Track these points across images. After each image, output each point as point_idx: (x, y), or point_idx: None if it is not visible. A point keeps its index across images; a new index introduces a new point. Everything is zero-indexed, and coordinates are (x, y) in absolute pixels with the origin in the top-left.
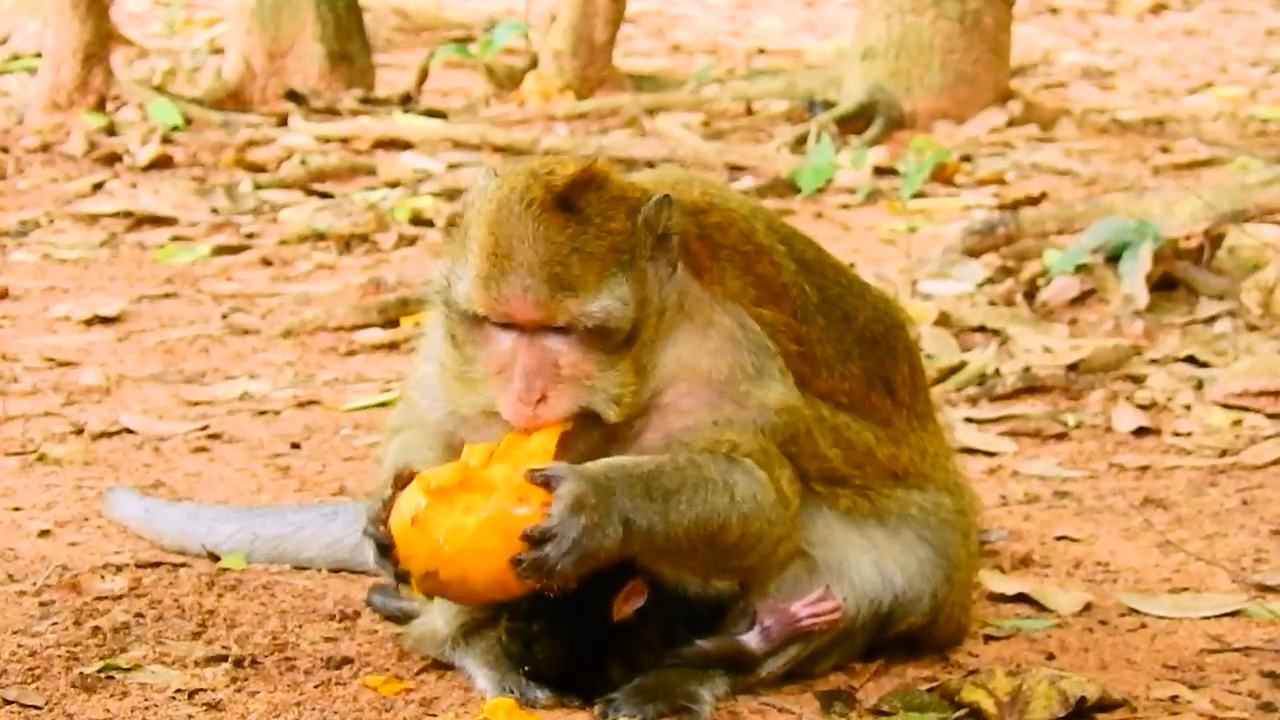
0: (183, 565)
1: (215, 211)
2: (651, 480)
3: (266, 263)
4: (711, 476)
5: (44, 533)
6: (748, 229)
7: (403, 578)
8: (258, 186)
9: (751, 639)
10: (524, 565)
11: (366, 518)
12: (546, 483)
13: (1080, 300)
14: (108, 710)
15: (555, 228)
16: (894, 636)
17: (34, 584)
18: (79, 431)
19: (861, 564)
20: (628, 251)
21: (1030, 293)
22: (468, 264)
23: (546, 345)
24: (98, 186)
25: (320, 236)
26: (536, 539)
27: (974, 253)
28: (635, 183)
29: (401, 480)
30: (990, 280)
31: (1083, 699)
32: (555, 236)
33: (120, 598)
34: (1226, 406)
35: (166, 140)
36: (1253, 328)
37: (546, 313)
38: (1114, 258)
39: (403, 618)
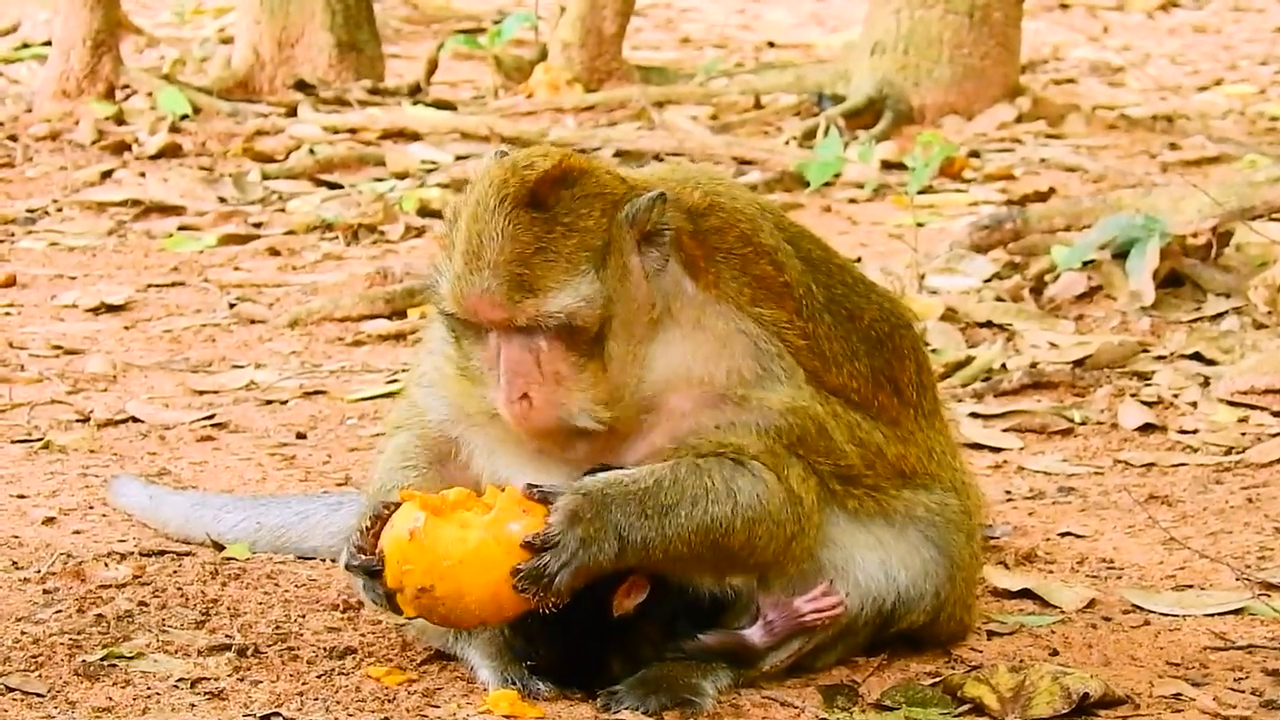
0: (187, 554)
1: (223, 201)
2: (648, 496)
3: (274, 252)
4: (713, 485)
5: (48, 520)
6: (750, 229)
7: (390, 600)
8: (266, 176)
9: (754, 633)
10: (523, 573)
11: (349, 546)
12: (544, 498)
13: (1087, 296)
14: (110, 698)
15: (523, 226)
16: (896, 633)
17: (38, 571)
18: (85, 419)
19: (868, 563)
20: (599, 249)
21: (1037, 288)
22: (447, 261)
23: (522, 344)
24: (106, 175)
25: (328, 226)
26: (537, 546)
27: (981, 248)
28: (623, 177)
29: (382, 513)
30: (997, 276)
31: (1085, 695)
32: (521, 235)
33: (124, 586)
34: (1232, 404)
35: (175, 129)
36: (1259, 325)
37: (507, 314)
38: (1121, 254)
39: None
